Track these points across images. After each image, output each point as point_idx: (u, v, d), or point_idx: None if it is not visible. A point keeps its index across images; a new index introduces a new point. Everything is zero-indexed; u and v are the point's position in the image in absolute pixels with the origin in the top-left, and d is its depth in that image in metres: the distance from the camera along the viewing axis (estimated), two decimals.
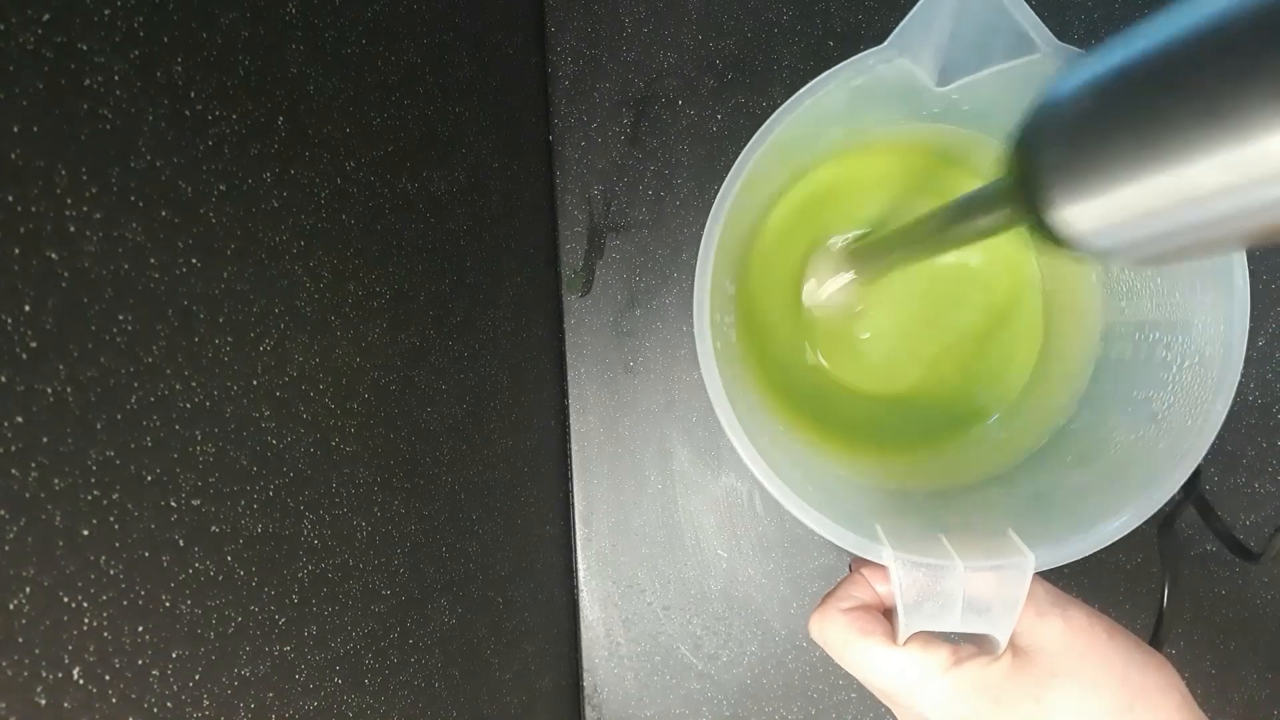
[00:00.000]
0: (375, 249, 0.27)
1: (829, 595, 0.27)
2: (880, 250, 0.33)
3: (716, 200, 0.26)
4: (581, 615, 0.42)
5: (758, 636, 0.42)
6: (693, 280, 0.42)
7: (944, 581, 0.24)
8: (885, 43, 0.25)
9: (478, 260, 0.35)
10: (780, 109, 0.26)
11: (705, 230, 0.26)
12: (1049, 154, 0.17)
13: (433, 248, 0.31)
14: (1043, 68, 0.25)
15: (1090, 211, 0.17)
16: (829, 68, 0.25)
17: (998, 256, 0.37)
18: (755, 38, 0.41)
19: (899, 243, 0.31)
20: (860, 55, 0.25)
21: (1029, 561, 0.24)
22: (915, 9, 0.25)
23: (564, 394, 0.42)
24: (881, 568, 0.25)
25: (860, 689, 0.41)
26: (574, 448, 0.42)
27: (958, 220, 0.25)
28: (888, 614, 0.27)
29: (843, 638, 0.25)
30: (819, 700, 0.41)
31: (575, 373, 0.42)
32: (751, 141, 0.26)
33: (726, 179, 0.26)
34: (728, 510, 0.42)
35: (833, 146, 0.35)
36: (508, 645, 0.36)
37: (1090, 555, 0.25)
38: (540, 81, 0.42)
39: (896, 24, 0.40)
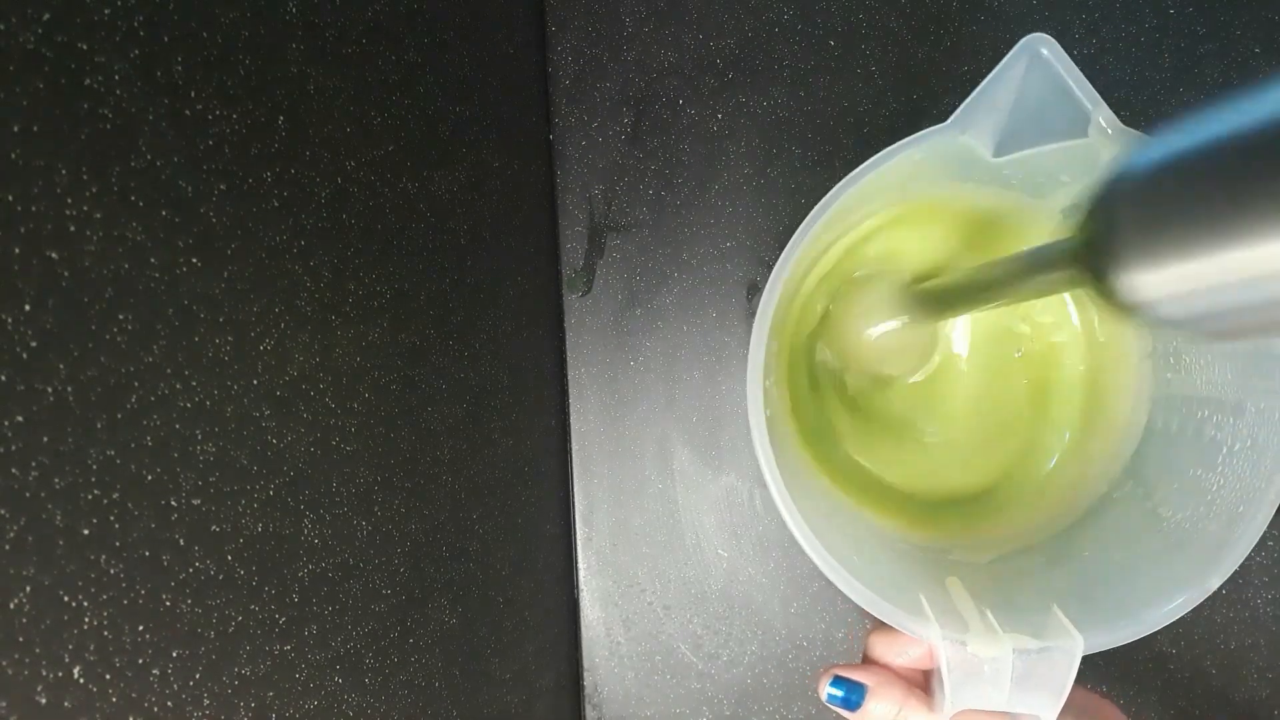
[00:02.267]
0: (375, 249, 0.27)
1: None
2: (936, 297, 0.33)
3: (775, 269, 0.26)
4: (581, 615, 0.42)
5: (758, 636, 0.42)
6: (694, 280, 0.42)
7: (992, 662, 0.24)
8: (949, 121, 0.25)
9: (478, 260, 0.35)
10: (842, 182, 0.26)
11: (762, 300, 0.26)
12: (1123, 222, 0.18)
13: (433, 247, 0.31)
14: (1104, 149, 0.25)
15: (1159, 281, 0.17)
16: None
17: (1042, 324, 0.37)
18: (755, 37, 0.41)
19: (956, 291, 0.30)
20: (923, 133, 0.25)
21: (1078, 644, 0.24)
22: (979, 89, 0.25)
23: (564, 394, 0.42)
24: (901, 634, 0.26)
25: None
26: (574, 448, 0.42)
27: (1020, 275, 0.25)
28: (924, 679, 0.27)
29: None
30: (819, 700, 0.41)
31: (575, 373, 0.42)
32: (813, 212, 0.26)
33: (785, 249, 0.26)
34: (728, 509, 0.42)
35: (878, 209, 0.35)
36: (508, 645, 0.36)
37: None
38: (540, 81, 0.42)
39: (898, 23, 0.41)
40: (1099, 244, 0.18)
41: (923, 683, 0.27)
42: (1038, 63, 0.24)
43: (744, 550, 0.42)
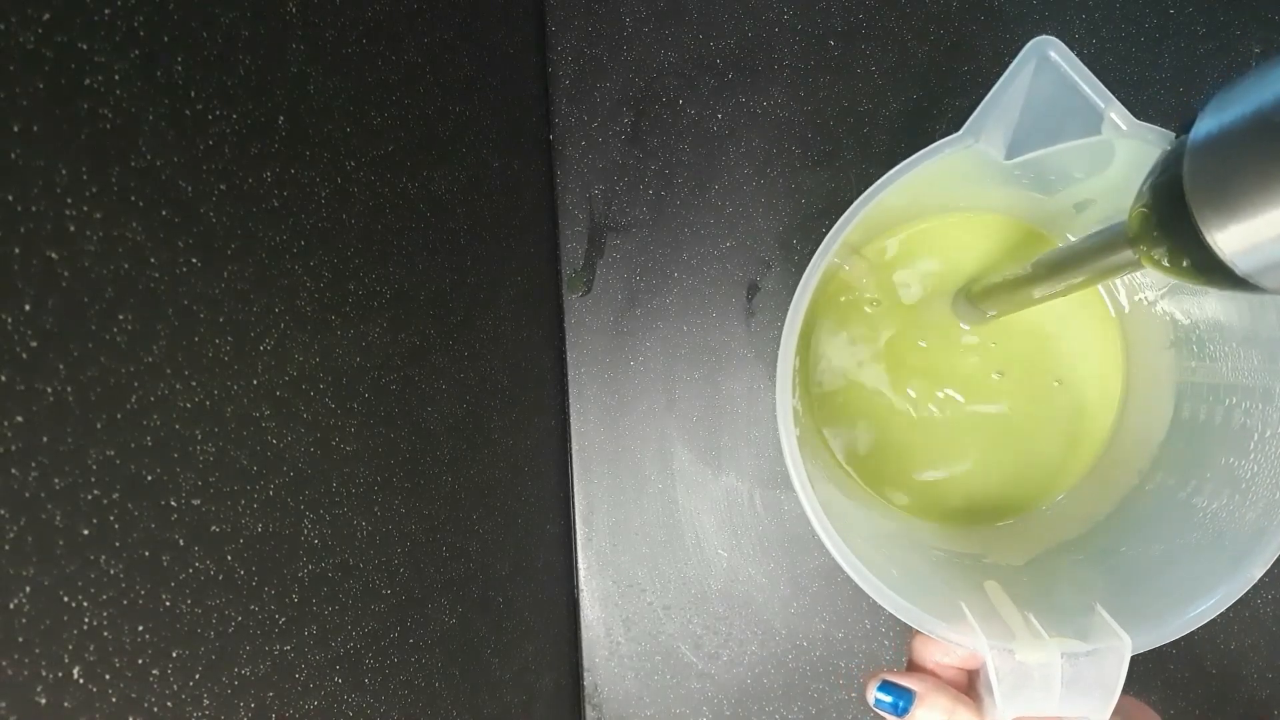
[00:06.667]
0: (375, 249, 0.27)
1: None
2: (990, 294, 0.33)
3: (800, 285, 0.26)
4: (581, 615, 0.42)
5: (758, 636, 0.42)
6: (694, 280, 0.42)
7: (1041, 668, 0.24)
8: (962, 130, 0.25)
9: (478, 260, 0.35)
10: (857, 201, 0.26)
11: (788, 318, 0.26)
12: (1200, 186, 0.18)
13: (433, 247, 0.31)
14: (1119, 145, 0.25)
15: (1241, 233, 0.18)
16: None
17: (1074, 326, 0.37)
18: (755, 37, 0.41)
19: (1018, 284, 0.31)
20: (937, 144, 0.26)
21: (1126, 645, 0.24)
22: (990, 95, 0.25)
23: (564, 394, 0.42)
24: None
25: (860, 690, 0.41)
26: (574, 447, 0.42)
27: (1083, 260, 0.26)
28: (969, 680, 0.27)
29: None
30: (819, 700, 0.41)
31: (575, 373, 0.42)
32: (830, 235, 0.26)
33: (809, 268, 0.26)
34: (728, 510, 0.42)
35: (895, 216, 0.35)
36: (508, 645, 0.36)
37: None
38: (540, 81, 0.42)
39: (899, 24, 0.41)
40: (1175, 211, 0.19)
41: (966, 685, 0.27)
42: (1045, 65, 0.24)
43: (744, 550, 0.42)
